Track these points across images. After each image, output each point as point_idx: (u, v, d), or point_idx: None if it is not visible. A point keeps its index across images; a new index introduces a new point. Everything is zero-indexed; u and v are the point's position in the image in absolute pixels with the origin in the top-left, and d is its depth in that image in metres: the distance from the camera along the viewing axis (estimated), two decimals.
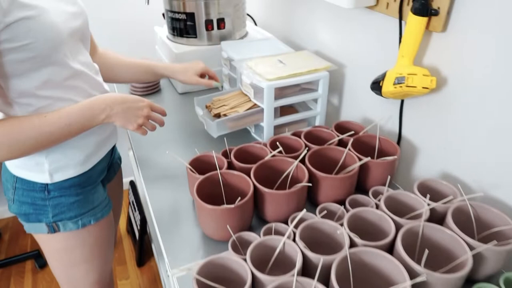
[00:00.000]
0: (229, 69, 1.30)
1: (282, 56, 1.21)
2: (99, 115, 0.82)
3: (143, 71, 1.12)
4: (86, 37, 0.90)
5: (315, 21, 1.30)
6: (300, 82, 1.09)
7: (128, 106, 0.86)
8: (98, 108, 0.82)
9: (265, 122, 1.11)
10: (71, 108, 0.80)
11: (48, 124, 0.76)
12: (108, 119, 0.84)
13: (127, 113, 0.85)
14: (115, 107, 0.83)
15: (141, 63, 1.12)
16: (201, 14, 1.36)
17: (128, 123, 0.87)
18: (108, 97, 0.85)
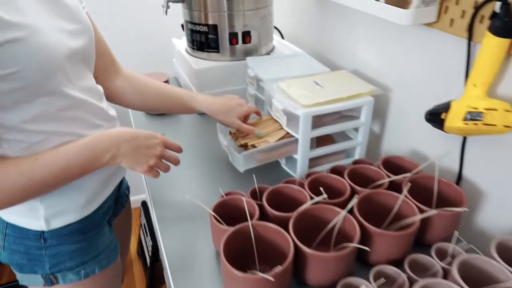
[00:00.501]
0: (256, 89, 1.15)
1: (317, 76, 1.06)
2: (102, 156, 0.68)
3: (177, 102, 0.97)
4: (90, 58, 0.76)
5: (356, 36, 1.15)
6: (342, 109, 0.93)
7: (138, 144, 0.71)
8: (101, 148, 0.68)
9: (299, 154, 0.95)
10: (69, 147, 0.66)
11: (40, 169, 0.62)
12: (114, 160, 0.70)
13: (136, 153, 0.71)
14: (122, 146, 0.69)
15: (175, 92, 0.97)
16: (224, 27, 1.22)
17: (137, 165, 0.72)
18: (114, 133, 0.71)
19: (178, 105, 0.97)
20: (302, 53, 1.27)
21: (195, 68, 1.22)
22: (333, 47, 1.28)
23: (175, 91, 0.98)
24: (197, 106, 0.97)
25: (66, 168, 0.65)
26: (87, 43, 0.73)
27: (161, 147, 0.75)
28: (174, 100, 0.97)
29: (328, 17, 1.27)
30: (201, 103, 0.97)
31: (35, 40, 0.58)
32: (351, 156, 1.06)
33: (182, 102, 0.97)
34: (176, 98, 0.97)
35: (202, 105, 0.97)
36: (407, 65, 0.98)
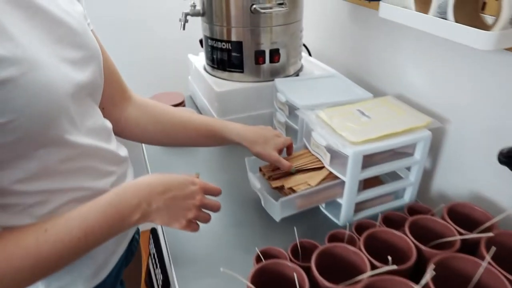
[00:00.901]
0: (287, 116, 1.00)
1: (361, 104, 0.91)
2: (131, 216, 0.55)
3: (204, 133, 0.81)
4: (98, 90, 0.63)
5: (402, 56, 1.01)
6: (397, 146, 0.79)
7: (173, 196, 0.58)
8: (129, 206, 0.55)
9: (345, 198, 0.80)
10: (86, 211, 0.52)
11: (51, 243, 0.48)
12: (145, 219, 0.56)
13: (172, 207, 0.58)
14: (154, 201, 0.56)
15: (201, 120, 0.82)
16: (250, 44, 1.08)
17: (174, 221, 0.59)
18: (143, 185, 0.57)
19: (206, 136, 0.82)
20: (336, 74, 1.13)
21: (217, 90, 1.08)
22: (371, 67, 1.13)
23: (201, 119, 0.83)
24: (229, 136, 0.81)
25: (84, 237, 0.51)
26: (95, 73, 0.59)
27: (201, 195, 0.62)
28: (201, 130, 0.82)
29: (366, 33, 1.13)
30: (233, 132, 0.82)
31: (33, 78, 0.44)
32: (400, 198, 0.91)
33: (210, 132, 0.81)
34: (203, 127, 0.81)
35: (235, 134, 0.81)
36: (471, 93, 0.83)
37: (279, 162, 0.80)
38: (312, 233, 0.81)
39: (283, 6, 1.04)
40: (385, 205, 0.89)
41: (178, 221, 0.59)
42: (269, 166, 0.85)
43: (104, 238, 0.54)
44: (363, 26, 1.13)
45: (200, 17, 1.14)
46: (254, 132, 0.83)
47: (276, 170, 0.83)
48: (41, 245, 0.47)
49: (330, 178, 0.81)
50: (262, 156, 0.81)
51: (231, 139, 0.82)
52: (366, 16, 1.10)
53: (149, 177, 0.59)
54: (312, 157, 0.86)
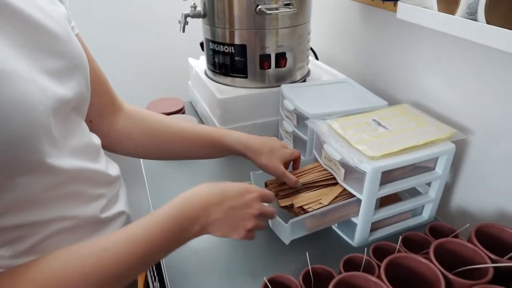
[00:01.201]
0: (295, 125, 0.93)
1: (376, 113, 0.84)
2: (190, 228, 0.53)
3: (205, 145, 0.74)
4: (83, 104, 0.55)
5: (419, 59, 0.93)
6: (419, 160, 0.71)
7: (231, 206, 0.56)
8: (190, 218, 0.53)
9: (360, 218, 0.73)
10: (146, 225, 0.49)
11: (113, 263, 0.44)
12: (202, 231, 0.55)
13: (230, 218, 0.56)
14: (212, 212, 0.54)
15: (201, 130, 0.75)
16: (255, 47, 1.01)
17: (233, 232, 0.57)
18: (201, 196, 0.55)
19: (206, 147, 0.74)
20: (347, 80, 1.06)
21: (219, 97, 1.00)
22: (385, 73, 1.06)
23: (200, 129, 0.76)
24: (232, 145, 0.74)
25: (146, 254, 0.47)
26: (81, 85, 0.51)
27: (259, 204, 0.59)
28: (200, 140, 0.74)
29: (380, 35, 1.05)
30: (236, 140, 0.74)
31: (4, 94, 0.37)
32: (418, 215, 0.84)
33: (211, 142, 0.74)
34: (203, 137, 0.74)
35: (238, 143, 0.74)
36: (499, 102, 0.75)
37: (285, 176, 0.73)
38: (324, 256, 0.74)
39: (290, 7, 0.97)
40: (403, 223, 0.81)
41: (237, 232, 0.57)
42: (275, 181, 0.78)
43: (163, 254, 0.52)
44: (376, 28, 1.06)
45: (201, 18, 1.07)
46: (259, 141, 0.76)
47: (283, 184, 0.76)
48: (103, 266, 0.44)
49: (344, 196, 0.74)
50: (267, 168, 0.74)
51: (234, 148, 0.74)
52: (380, 18, 1.03)
53: (205, 187, 0.57)
54: (324, 171, 0.78)
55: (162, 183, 0.96)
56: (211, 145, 0.74)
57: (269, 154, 0.74)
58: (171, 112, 1.17)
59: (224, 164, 1.02)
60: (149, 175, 0.99)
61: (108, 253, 0.44)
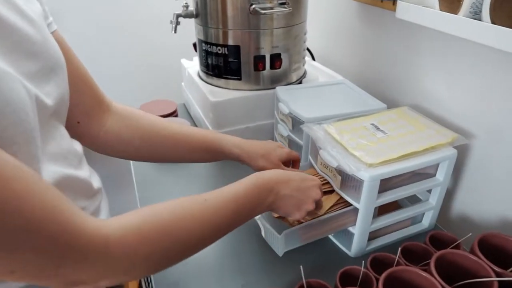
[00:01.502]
0: (290, 129, 0.90)
1: (374, 116, 0.81)
2: (266, 198, 0.58)
3: (199, 148, 0.72)
4: (62, 107, 0.51)
5: (419, 60, 0.90)
6: (420, 167, 0.68)
7: (298, 186, 0.61)
8: (267, 189, 0.58)
9: (358, 227, 0.70)
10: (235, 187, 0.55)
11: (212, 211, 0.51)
12: (273, 204, 0.59)
13: (296, 197, 0.60)
14: (282, 187, 0.59)
15: (195, 132, 0.72)
16: (249, 48, 0.97)
17: (295, 210, 0.61)
18: (269, 174, 0.60)
19: (200, 150, 0.72)
20: (344, 81, 1.02)
21: (212, 100, 0.97)
22: (383, 74, 1.03)
23: (194, 131, 0.73)
24: (227, 148, 0.72)
25: (237, 213, 0.53)
26: (60, 87, 0.48)
27: (319, 191, 0.64)
28: (194, 143, 0.71)
29: (378, 35, 1.02)
30: (231, 144, 0.73)
31: None
32: (417, 222, 0.81)
33: (205, 146, 0.72)
34: (197, 140, 0.71)
35: (233, 146, 0.72)
36: (503, 106, 0.72)
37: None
38: (320, 268, 0.71)
39: (285, 6, 0.94)
40: (402, 231, 0.78)
41: (299, 211, 0.61)
42: None
43: (247, 217, 0.56)
44: (375, 28, 1.03)
45: (193, 18, 1.03)
46: (255, 144, 0.75)
47: None
48: (204, 212, 0.49)
49: (340, 204, 0.71)
50: (265, 168, 0.71)
51: (229, 152, 0.72)
52: (378, 17, 1.00)
53: (271, 170, 0.61)
54: (319, 178, 0.75)
55: (153, 188, 0.92)
56: (205, 148, 0.72)
57: (266, 155, 0.73)
58: (164, 115, 1.13)
59: (218, 169, 0.99)
60: (139, 180, 0.96)
61: (207, 203, 0.50)
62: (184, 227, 0.47)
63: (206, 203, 0.50)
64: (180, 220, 0.47)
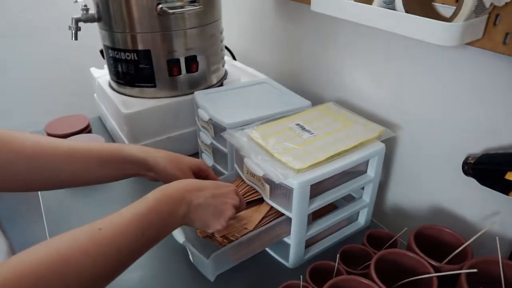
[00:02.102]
0: (213, 137, 0.83)
1: (299, 116, 0.77)
2: (178, 209, 0.51)
3: (97, 162, 0.59)
4: None
5: (339, 52, 0.87)
6: (350, 166, 0.65)
7: (212, 193, 0.55)
8: (175, 200, 0.51)
9: (293, 237, 0.65)
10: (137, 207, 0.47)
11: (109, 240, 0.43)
12: (187, 217, 0.52)
13: (212, 205, 0.54)
14: (195, 196, 0.53)
15: (91, 148, 0.60)
16: (160, 52, 0.89)
17: (214, 220, 0.55)
18: (179, 183, 0.54)
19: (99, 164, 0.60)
20: (266, 80, 0.97)
21: (125, 112, 0.87)
22: (306, 70, 0.99)
23: (91, 145, 0.61)
24: (131, 154, 0.61)
25: (141, 235, 0.46)
26: None
27: (236, 195, 0.59)
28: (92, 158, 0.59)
29: (296, 30, 0.99)
30: (136, 149, 0.62)
31: None
32: (354, 221, 0.78)
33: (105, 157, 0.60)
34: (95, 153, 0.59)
35: (138, 151, 0.62)
36: (425, 94, 0.71)
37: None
38: (259, 284, 0.65)
39: (195, 4, 0.87)
40: (339, 233, 0.75)
41: (219, 220, 0.55)
42: None
43: (158, 237, 0.49)
44: (292, 23, 0.99)
45: (96, 23, 0.93)
46: (162, 151, 0.65)
47: None
48: (98, 244, 0.42)
49: (272, 215, 0.65)
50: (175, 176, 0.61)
51: (134, 158, 0.61)
52: (295, 11, 0.96)
53: (182, 180, 0.56)
54: (247, 188, 0.69)
55: (64, 218, 0.81)
56: (105, 161, 0.60)
57: (176, 162, 0.64)
58: (74, 132, 1.01)
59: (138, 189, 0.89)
60: (48, 209, 0.84)
61: (102, 233, 0.43)
62: (72, 266, 0.39)
63: (101, 232, 0.42)
64: (66, 259, 0.39)
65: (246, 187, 0.70)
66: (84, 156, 0.59)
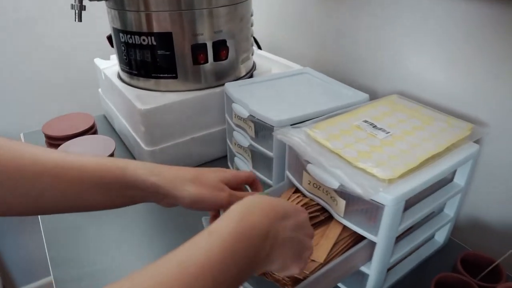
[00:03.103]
0: (253, 137, 0.68)
1: (362, 111, 0.62)
2: (261, 247, 0.34)
3: (93, 183, 0.42)
4: None
5: (394, 34, 0.73)
6: (447, 173, 0.50)
7: (295, 223, 0.38)
8: (258, 235, 0.34)
9: (374, 267, 0.50)
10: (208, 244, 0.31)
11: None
12: (269, 257, 0.35)
13: (295, 242, 0.38)
14: (280, 228, 0.36)
15: (87, 164, 0.43)
16: (183, 36, 0.74)
17: (295, 261, 0.38)
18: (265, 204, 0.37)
19: (96, 186, 0.42)
20: (307, 70, 0.82)
21: (141, 108, 0.72)
22: (351, 58, 0.84)
23: (87, 160, 0.43)
24: (138, 177, 0.43)
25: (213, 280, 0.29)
26: None
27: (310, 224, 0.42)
28: (84, 177, 0.42)
29: (337, 9, 0.84)
30: (145, 169, 0.44)
31: None
32: (429, 239, 0.63)
33: (104, 177, 0.43)
34: (90, 171, 0.42)
35: (148, 173, 0.44)
36: None
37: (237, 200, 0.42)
38: None
39: None
40: (416, 256, 0.60)
41: (299, 263, 0.39)
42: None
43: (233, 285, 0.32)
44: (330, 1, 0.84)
45: (104, 0, 0.77)
46: (178, 167, 0.47)
47: None
48: None
49: (345, 239, 0.50)
50: (203, 199, 0.44)
51: (141, 182, 0.43)
52: None
53: (258, 197, 0.38)
54: (308, 203, 0.54)
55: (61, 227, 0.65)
56: (102, 185, 0.43)
57: (197, 179, 0.45)
58: (77, 133, 0.85)
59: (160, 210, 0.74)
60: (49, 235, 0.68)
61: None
62: None
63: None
64: None
65: (300, 201, 0.55)
66: (75, 177, 0.41)
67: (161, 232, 0.68)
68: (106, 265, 0.61)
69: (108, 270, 0.60)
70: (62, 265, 0.61)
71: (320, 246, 0.48)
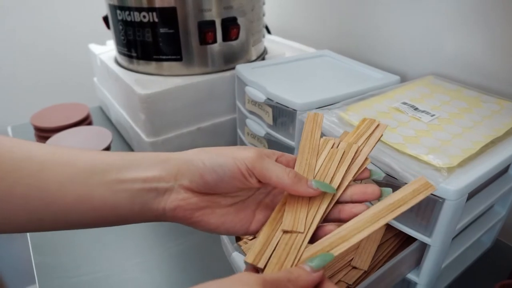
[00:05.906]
0: (271, 125, 0.59)
1: (397, 93, 0.53)
2: None
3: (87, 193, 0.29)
4: None
5: (419, 11, 0.64)
6: (509, 161, 0.42)
7: None
8: None
9: (425, 274, 0.42)
10: None
11: None
12: None
13: None
14: None
15: (76, 159, 0.30)
16: (189, 11, 0.65)
17: None
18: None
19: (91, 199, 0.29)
20: (327, 53, 0.74)
21: (141, 93, 0.63)
22: (370, 37, 0.76)
23: (79, 154, 0.31)
24: (140, 172, 0.32)
25: None
26: None
27: None
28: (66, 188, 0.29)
29: None
30: (148, 159, 0.34)
31: None
32: None
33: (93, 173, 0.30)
34: (80, 169, 0.30)
35: (152, 164, 0.33)
36: None
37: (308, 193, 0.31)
38: None
39: None
40: (462, 259, 0.52)
41: None
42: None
43: None
44: None
45: None
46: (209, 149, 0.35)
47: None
48: None
49: (389, 241, 0.42)
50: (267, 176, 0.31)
51: (144, 176, 0.32)
52: None
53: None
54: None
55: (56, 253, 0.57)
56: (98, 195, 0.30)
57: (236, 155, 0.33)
58: (70, 124, 0.77)
59: None
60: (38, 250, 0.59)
61: None
62: None
63: None
64: None
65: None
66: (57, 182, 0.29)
67: (154, 241, 0.59)
68: (94, 275, 0.52)
69: (95, 280, 0.51)
70: (48, 273, 0.52)
71: (362, 250, 0.40)
